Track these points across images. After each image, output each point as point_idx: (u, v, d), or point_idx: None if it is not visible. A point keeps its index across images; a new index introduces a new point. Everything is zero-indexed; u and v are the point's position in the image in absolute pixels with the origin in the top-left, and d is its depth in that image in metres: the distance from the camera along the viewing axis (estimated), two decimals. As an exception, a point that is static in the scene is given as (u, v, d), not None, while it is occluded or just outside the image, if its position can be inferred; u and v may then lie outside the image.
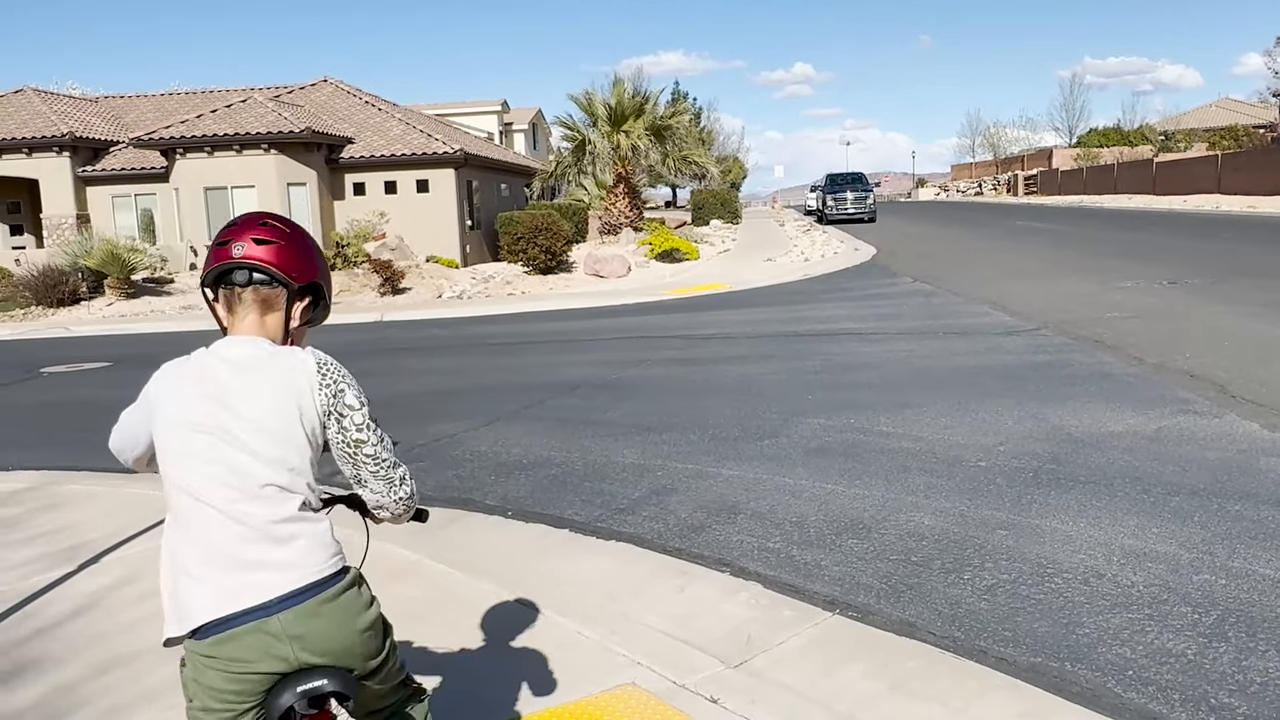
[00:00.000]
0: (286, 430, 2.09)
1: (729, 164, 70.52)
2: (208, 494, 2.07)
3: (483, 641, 4.13)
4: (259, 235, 2.16)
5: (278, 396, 2.10)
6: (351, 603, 2.12)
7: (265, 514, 2.06)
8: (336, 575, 2.12)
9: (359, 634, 2.12)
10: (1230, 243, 22.14)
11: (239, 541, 2.04)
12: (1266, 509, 5.16)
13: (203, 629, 2.03)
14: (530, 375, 10.87)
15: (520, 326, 15.94)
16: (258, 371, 2.13)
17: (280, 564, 2.04)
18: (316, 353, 2.21)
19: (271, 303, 2.20)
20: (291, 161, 26.49)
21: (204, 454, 2.08)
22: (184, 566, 2.08)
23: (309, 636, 2.03)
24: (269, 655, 2.01)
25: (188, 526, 2.08)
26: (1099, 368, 9.10)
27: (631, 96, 31.06)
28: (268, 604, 2.01)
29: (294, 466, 2.10)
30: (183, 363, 2.22)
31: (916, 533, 5.15)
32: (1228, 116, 69.45)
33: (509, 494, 6.32)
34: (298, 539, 2.07)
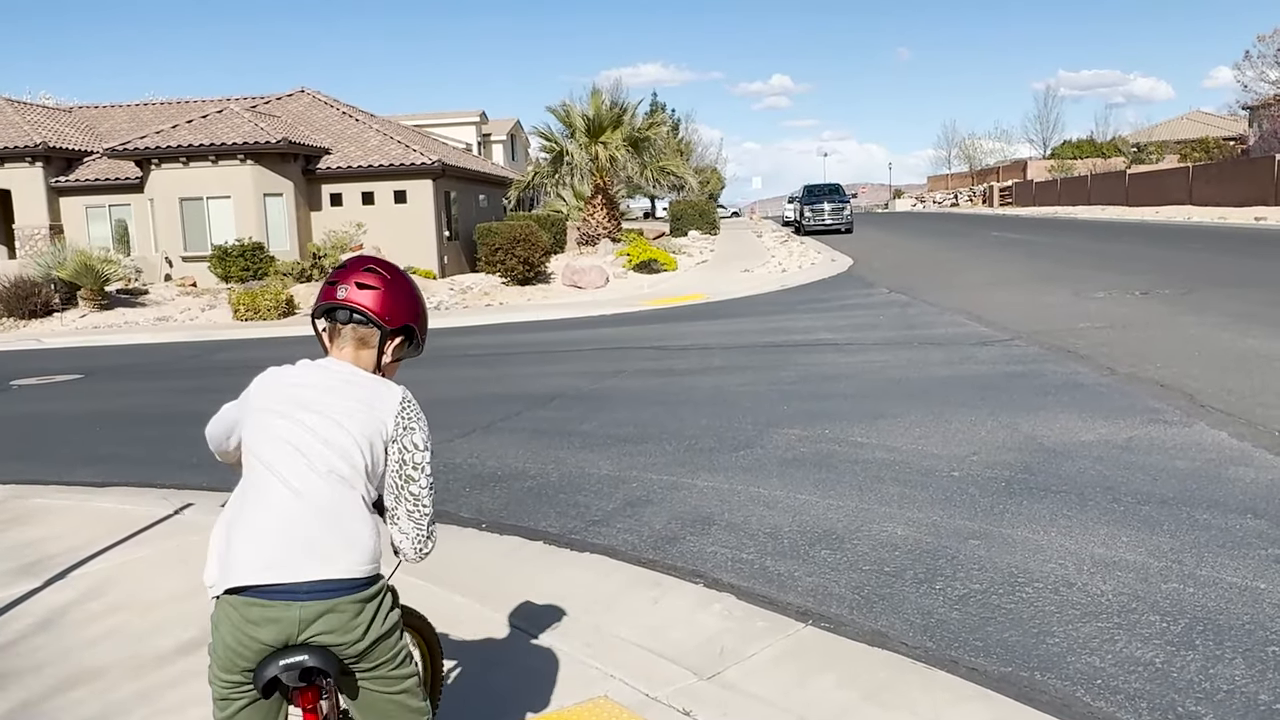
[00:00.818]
0: (360, 435, 2.29)
1: (707, 175, 70.76)
2: (280, 465, 2.26)
3: (455, 655, 4.10)
4: (362, 280, 2.41)
5: (361, 408, 2.32)
6: (369, 612, 2.24)
7: (325, 493, 2.24)
8: (367, 581, 2.25)
9: (362, 641, 2.23)
10: (1201, 253, 22.40)
11: (295, 516, 2.21)
12: (1234, 517, 5.21)
13: (245, 589, 2.18)
14: (507, 386, 10.84)
15: (497, 338, 15.90)
16: (351, 383, 2.38)
17: (322, 551, 2.19)
18: (405, 390, 2.43)
19: (367, 340, 2.44)
20: (268, 172, 26.34)
21: (283, 434, 2.29)
22: (247, 528, 2.23)
23: (317, 626, 2.17)
24: (275, 627, 2.16)
25: (258, 492, 2.26)
26: (1071, 378, 9.17)
27: (609, 108, 31.14)
28: (297, 587, 2.16)
29: (359, 466, 2.28)
30: (286, 367, 2.46)
31: (889, 543, 5.17)
32: (1199, 129, 70.38)
33: (484, 506, 6.30)
34: (346, 529, 2.22)
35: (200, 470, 7.66)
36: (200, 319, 21.68)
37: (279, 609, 2.15)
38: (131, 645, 4.28)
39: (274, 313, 20.85)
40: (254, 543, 2.20)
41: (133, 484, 7.39)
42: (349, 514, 2.25)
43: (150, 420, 10.33)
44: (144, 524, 6.06)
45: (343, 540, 2.22)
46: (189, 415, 10.50)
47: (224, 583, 2.22)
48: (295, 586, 2.16)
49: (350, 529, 2.24)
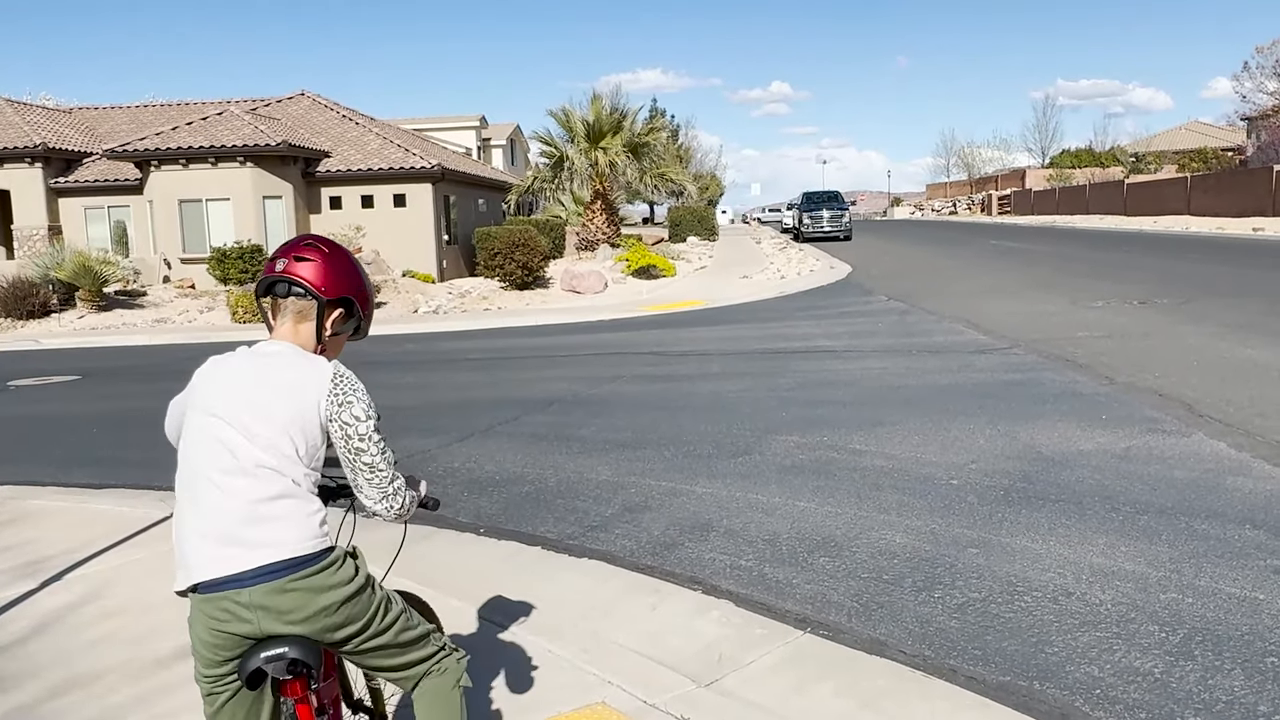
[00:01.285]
0: (290, 422, 2.34)
1: (706, 181, 70.82)
2: (205, 466, 2.34)
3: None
4: (300, 254, 2.48)
5: (289, 392, 2.36)
6: (324, 580, 2.31)
7: (252, 491, 2.29)
8: (316, 555, 2.31)
9: (326, 609, 2.30)
10: (1198, 263, 22.43)
11: (227, 513, 2.28)
12: (1233, 528, 5.21)
13: (199, 586, 2.29)
14: (505, 391, 10.84)
15: (496, 342, 15.90)
16: (279, 369, 2.41)
17: (259, 541, 2.27)
18: (337, 365, 2.46)
19: (305, 313, 2.49)
20: (267, 174, 26.34)
21: (212, 432, 2.36)
22: (187, 530, 2.33)
23: (275, 609, 2.25)
24: (238, 620, 2.26)
25: (191, 493, 2.34)
26: (1070, 386, 9.18)
27: (610, 113, 31.16)
28: (242, 575, 2.25)
29: (289, 454, 2.33)
30: (225, 356, 2.51)
31: (888, 551, 5.16)
32: (1197, 139, 70.56)
33: (481, 510, 6.29)
34: (281, 518, 2.29)
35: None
36: (198, 321, 21.66)
37: (227, 596, 2.24)
38: (129, 648, 4.27)
39: (272, 315, 20.85)
40: (195, 542, 2.30)
41: (130, 486, 7.38)
42: (281, 502, 2.30)
43: (147, 422, 10.28)
44: (141, 526, 6.05)
45: (277, 526, 2.28)
46: (187, 417, 10.47)
47: (183, 582, 2.32)
48: (240, 575, 2.25)
49: (283, 515, 2.29)
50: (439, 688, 2.59)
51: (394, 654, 2.50)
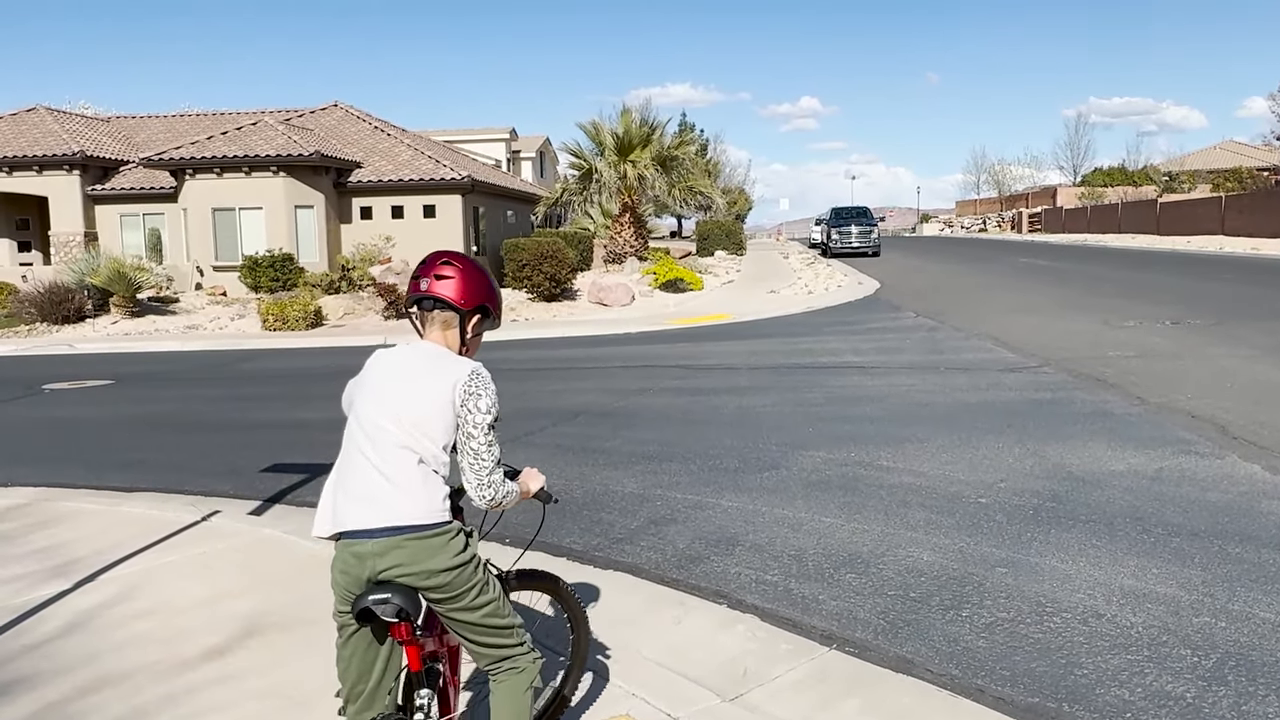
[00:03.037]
0: (430, 410, 2.74)
1: (735, 195, 70.82)
2: (360, 439, 2.78)
3: (475, 670, 4.09)
4: (440, 273, 2.87)
5: (434, 385, 2.76)
6: (437, 547, 2.69)
7: (391, 465, 2.71)
8: (433, 525, 2.70)
9: (431, 571, 2.67)
10: (1232, 284, 22.17)
11: (369, 480, 2.71)
12: (1267, 552, 5.14)
13: (340, 534, 2.73)
14: (531, 402, 10.86)
15: (523, 353, 15.95)
16: (428, 365, 2.82)
17: (389, 505, 2.67)
18: (476, 365, 2.85)
19: (449, 322, 2.91)
20: (300, 184, 26.63)
21: (369, 412, 2.79)
22: (339, 489, 2.78)
23: (390, 561, 2.65)
24: (360, 564, 2.67)
25: (348, 458, 2.80)
26: (1100, 406, 9.09)
27: (639, 126, 31.24)
28: (371, 530, 2.66)
29: (426, 438, 2.73)
30: (390, 350, 2.95)
31: (915, 568, 5.12)
32: (1232, 159, 69.76)
33: (507, 521, 6.26)
34: (410, 490, 2.68)
35: (227, 478, 7.73)
36: (229, 328, 21.89)
37: (359, 546, 2.67)
38: (158, 649, 4.31)
39: (302, 324, 21.02)
40: (341, 498, 2.76)
41: (161, 489, 7.45)
42: (414, 477, 2.70)
43: (178, 427, 10.42)
44: (172, 529, 6.11)
45: (407, 497, 2.68)
46: (216, 423, 10.63)
47: (332, 529, 2.77)
48: (370, 530, 2.67)
49: (412, 488, 2.69)
50: (513, 687, 2.89)
51: (478, 631, 2.82)
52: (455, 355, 2.88)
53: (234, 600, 4.87)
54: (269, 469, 7.89)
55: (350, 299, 23.51)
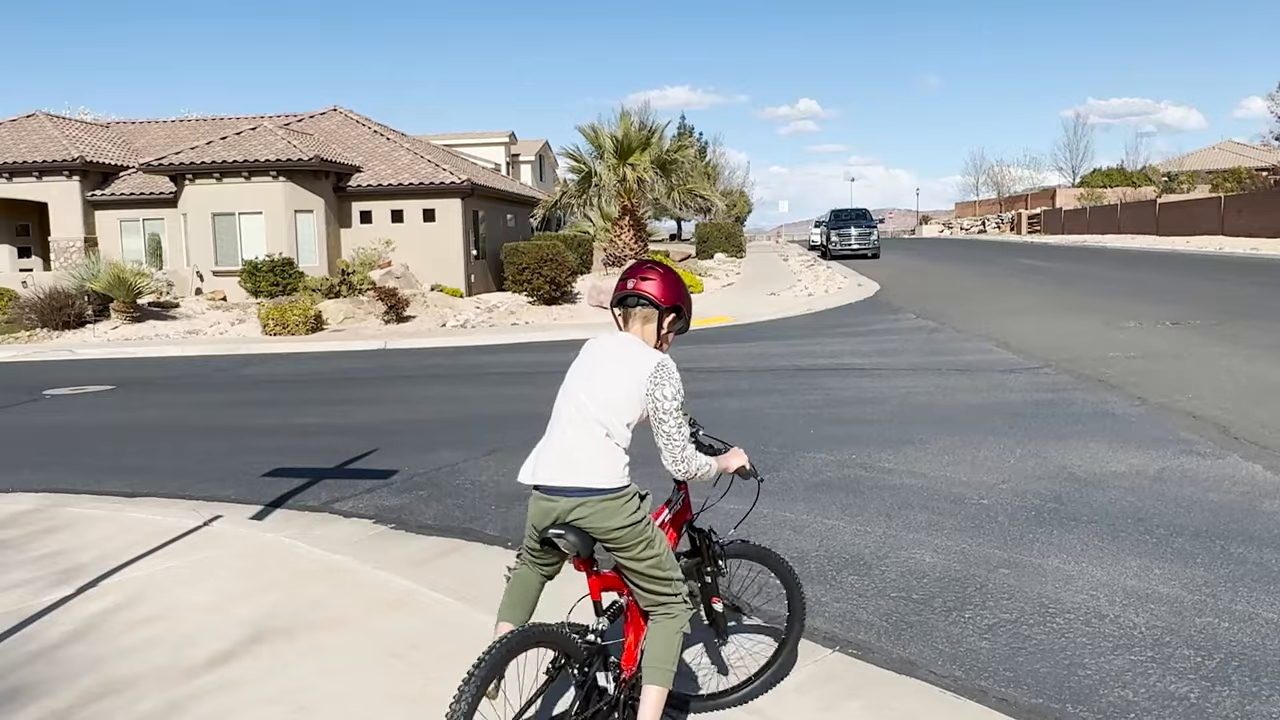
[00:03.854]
0: (620, 394, 3.20)
1: (734, 198, 70.85)
2: (567, 410, 3.27)
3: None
4: (644, 275, 3.37)
5: (629, 371, 3.22)
6: (613, 509, 3.15)
7: (585, 435, 3.18)
8: (614, 489, 3.15)
9: (608, 527, 3.14)
10: (1232, 285, 22.19)
11: (566, 446, 3.19)
12: (1269, 551, 5.14)
13: (538, 486, 3.22)
14: (532, 405, 10.84)
15: (523, 356, 15.96)
16: (626, 353, 3.29)
17: (581, 469, 3.14)
18: (664, 357, 3.29)
19: (649, 318, 3.37)
20: (300, 189, 26.65)
21: (575, 388, 3.28)
22: (543, 449, 3.27)
23: (576, 515, 3.14)
24: (551, 511, 3.18)
25: (557, 424, 3.28)
26: (1102, 407, 9.09)
27: (638, 130, 31.22)
28: (563, 489, 3.15)
29: (617, 415, 3.20)
30: (599, 338, 3.42)
31: (917, 570, 5.13)
32: (1231, 159, 69.72)
33: (509, 524, 6.30)
34: (598, 459, 3.15)
35: (228, 483, 7.73)
36: (229, 333, 21.89)
37: (550, 500, 3.17)
38: (162, 656, 4.32)
39: (302, 328, 21.03)
40: (544, 457, 3.24)
41: (163, 495, 7.46)
42: (601, 448, 3.16)
43: (179, 432, 10.42)
44: (174, 535, 6.11)
45: (593, 465, 3.14)
46: (217, 428, 10.63)
47: (528, 478, 3.26)
48: (563, 489, 3.14)
49: (600, 457, 3.15)
50: (666, 628, 3.24)
51: (642, 579, 3.23)
52: (648, 347, 3.32)
53: (238, 606, 4.87)
54: (270, 474, 7.90)
55: (350, 303, 23.51)
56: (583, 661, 3.17)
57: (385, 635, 4.47)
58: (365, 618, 4.70)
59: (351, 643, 4.41)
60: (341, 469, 7.99)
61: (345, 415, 10.87)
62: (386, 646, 4.35)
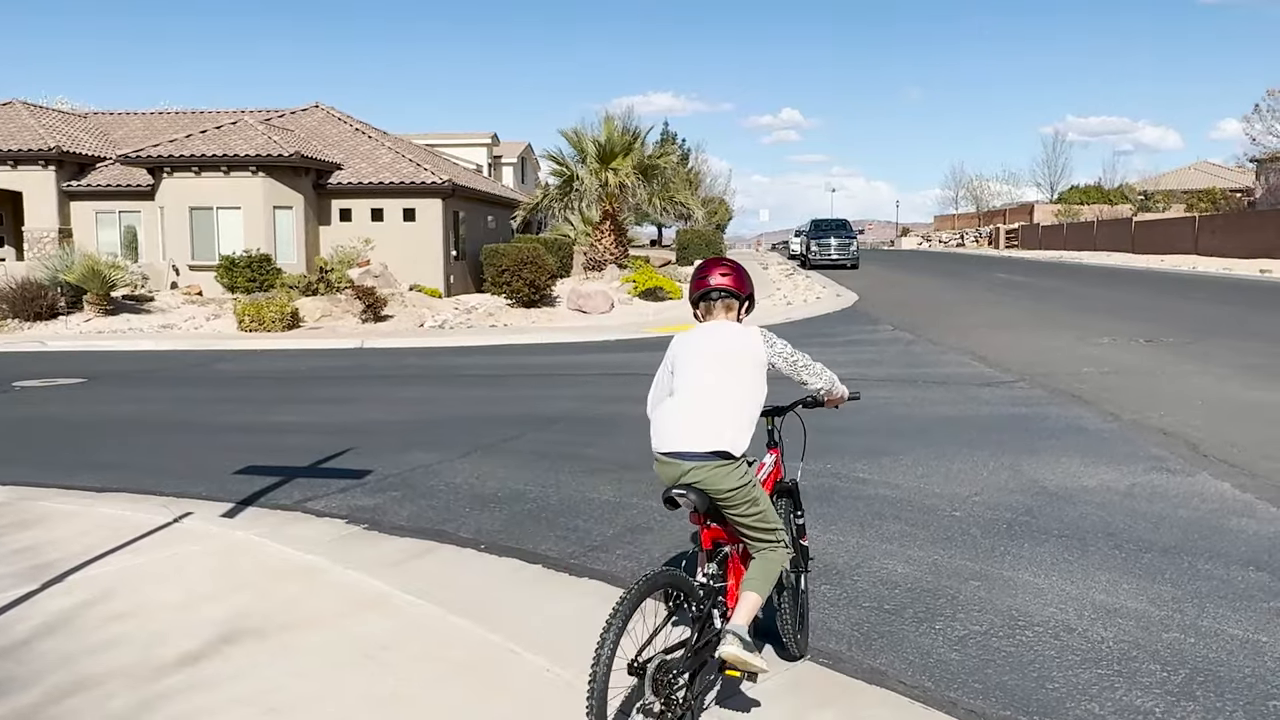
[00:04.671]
0: (738, 363, 3.73)
1: (715, 205, 71.01)
2: (691, 385, 3.71)
3: (451, 675, 4.09)
4: (723, 272, 3.92)
5: (741, 346, 3.77)
6: (727, 473, 3.57)
7: (714, 404, 3.64)
8: (728, 456, 3.57)
9: (722, 488, 3.56)
10: (1205, 303, 22.46)
11: (690, 417, 3.62)
12: (1236, 569, 5.21)
13: (666, 452, 3.65)
14: (509, 408, 10.86)
15: (501, 359, 15.94)
16: (731, 334, 3.82)
17: (704, 437, 3.57)
18: (759, 328, 3.89)
19: (730, 307, 3.95)
20: (279, 185, 26.50)
21: (694, 366, 3.75)
22: (666, 419, 3.70)
23: (696, 476, 3.56)
24: (676, 475, 3.60)
25: (678, 398, 3.72)
26: (1075, 422, 9.19)
27: (621, 134, 31.28)
28: (688, 454, 3.58)
29: (741, 384, 3.70)
30: (692, 330, 3.91)
31: (889, 580, 5.16)
32: (1206, 179, 70.56)
33: (483, 527, 6.29)
34: (720, 429, 3.58)
35: (200, 480, 7.67)
36: (204, 328, 21.73)
37: (675, 462, 3.61)
38: (132, 654, 4.28)
39: (278, 324, 20.90)
40: (670, 426, 3.67)
41: (134, 491, 7.38)
42: (723, 419, 3.60)
43: (151, 427, 10.34)
44: (145, 531, 6.06)
45: (717, 433, 3.57)
46: (189, 424, 10.54)
47: (657, 447, 3.70)
48: (687, 454, 3.58)
49: (722, 427, 3.58)
50: (769, 559, 3.68)
51: (749, 530, 3.66)
52: (742, 326, 3.91)
53: (209, 605, 4.83)
54: (242, 471, 7.84)
55: (328, 301, 23.38)
56: (698, 600, 3.52)
57: (358, 636, 4.46)
58: (338, 618, 4.68)
59: (324, 643, 4.39)
60: (315, 468, 7.95)
61: (319, 414, 10.81)
62: (359, 648, 4.33)
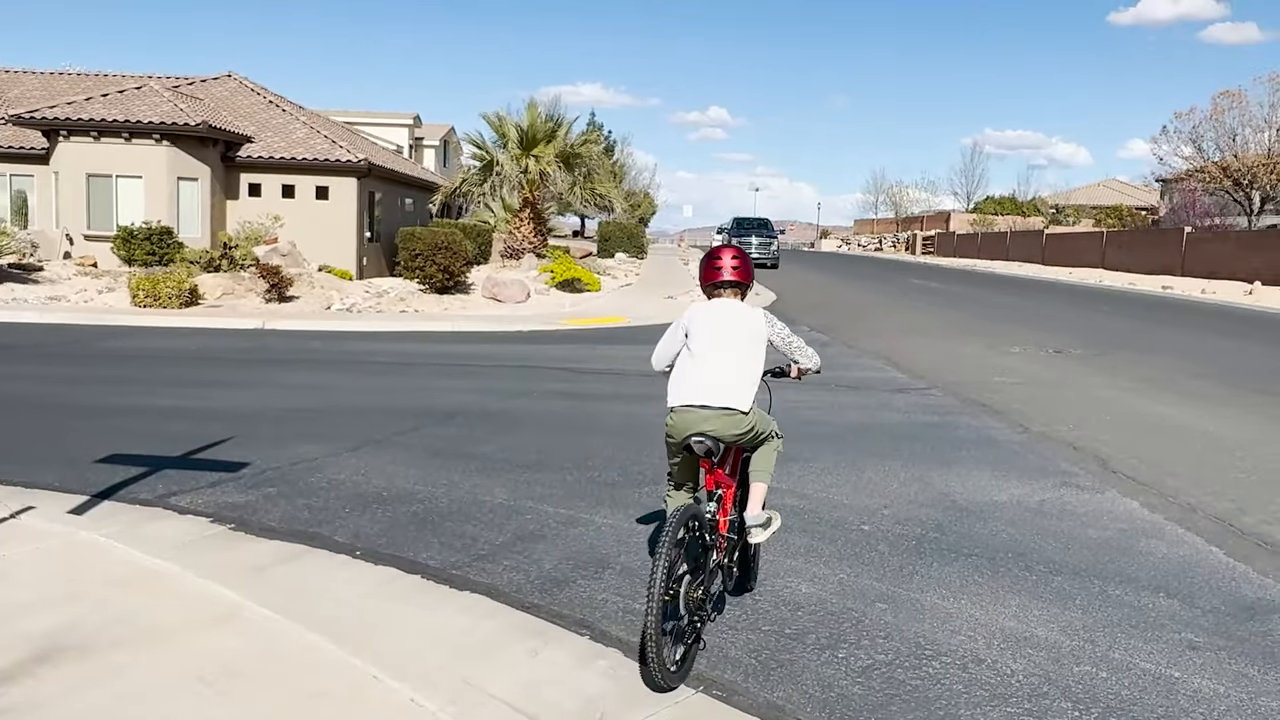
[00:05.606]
0: (748, 338, 4.32)
1: (639, 199, 70.70)
2: (711, 350, 4.26)
3: (300, 707, 3.63)
4: (735, 265, 4.41)
5: (748, 324, 4.34)
6: (740, 421, 4.20)
7: (726, 368, 4.22)
8: (741, 410, 4.19)
9: (737, 432, 4.22)
10: (1112, 316, 22.91)
11: (710, 376, 4.21)
12: (1146, 595, 5.02)
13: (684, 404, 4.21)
14: (409, 399, 10.32)
15: (408, 346, 15.32)
16: (739, 312, 4.37)
17: (722, 392, 4.17)
18: (762, 309, 4.44)
19: (738, 291, 4.45)
20: (184, 155, 25.29)
21: (712, 336, 4.30)
22: (687, 377, 4.26)
23: (708, 425, 4.13)
24: (696, 422, 4.15)
25: (698, 360, 4.26)
26: (985, 432, 9.05)
27: (544, 121, 30.65)
28: (708, 405, 4.15)
29: (747, 354, 4.29)
30: (706, 304, 4.42)
31: (793, 601, 4.84)
32: (1114, 196, 72.86)
33: (362, 530, 5.80)
34: (735, 386, 4.20)
35: (55, 468, 7.00)
36: (95, 302, 20.55)
37: (694, 412, 4.18)
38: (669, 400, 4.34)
39: (175, 301, 19.87)
40: (693, 382, 4.24)
41: (-17, 479, 6.68)
42: (736, 378, 4.22)
43: (16, 406, 9.53)
44: (-23, 526, 5.43)
45: (732, 390, 4.19)
46: (60, 404, 9.76)
47: (675, 400, 4.26)
48: (708, 405, 4.16)
49: (736, 385, 4.21)
50: (769, 447, 4.49)
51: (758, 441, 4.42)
52: (747, 306, 4.44)
53: (28, 617, 4.27)
54: (106, 459, 7.19)
55: (230, 279, 22.35)
56: (710, 530, 4.16)
57: (200, 657, 3.96)
58: (180, 635, 4.16)
59: (158, 665, 3.88)
60: (187, 458, 7.34)
61: (203, 398, 10.12)
62: (199, 671, 3.83)
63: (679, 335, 4.44)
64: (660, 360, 4.56)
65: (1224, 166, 45.03)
